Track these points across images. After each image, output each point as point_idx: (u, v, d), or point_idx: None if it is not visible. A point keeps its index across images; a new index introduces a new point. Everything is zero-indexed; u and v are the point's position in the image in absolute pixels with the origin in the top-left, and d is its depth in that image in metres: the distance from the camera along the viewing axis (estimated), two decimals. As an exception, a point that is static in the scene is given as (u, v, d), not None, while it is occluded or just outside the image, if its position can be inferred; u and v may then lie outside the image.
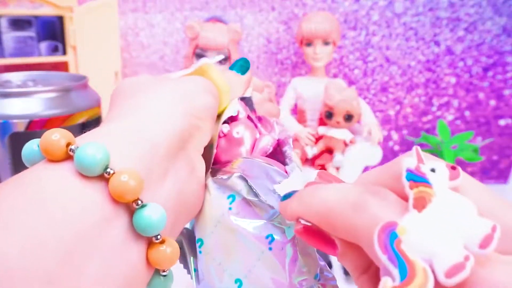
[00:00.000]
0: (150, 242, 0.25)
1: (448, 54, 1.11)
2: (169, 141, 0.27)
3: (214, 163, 0.34)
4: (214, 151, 0.33)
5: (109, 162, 0.24)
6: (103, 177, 0.23)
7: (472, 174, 1.18)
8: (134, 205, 0.24)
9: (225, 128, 0.35)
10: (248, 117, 0.37)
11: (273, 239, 0.30)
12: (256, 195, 0.31)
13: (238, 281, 0.31)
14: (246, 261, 0.30)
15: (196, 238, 0.32)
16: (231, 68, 0.38)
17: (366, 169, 1.01)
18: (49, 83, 0.67)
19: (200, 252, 0.31)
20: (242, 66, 0.38)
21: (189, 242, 0.33)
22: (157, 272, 0.26)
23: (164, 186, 0.26)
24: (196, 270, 0.32)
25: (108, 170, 0.23)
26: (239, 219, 0.31)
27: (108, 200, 0.23)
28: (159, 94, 0.30)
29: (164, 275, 0.26)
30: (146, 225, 0.24)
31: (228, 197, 0.31)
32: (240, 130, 0.36)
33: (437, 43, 1.11)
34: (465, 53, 1.11)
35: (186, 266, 0.33)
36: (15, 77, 0.72)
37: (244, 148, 0.35)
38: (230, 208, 0.31)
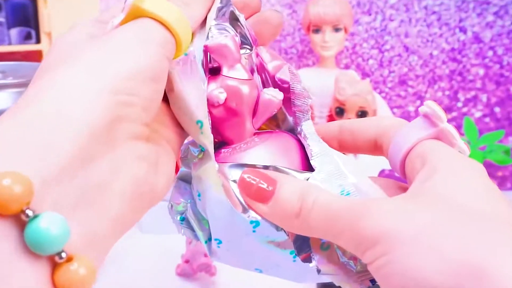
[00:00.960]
0: (54, 262, 0.23)
1: (475, 42, 1.11)
2: (78, 139, 0.25)
3: (221, 144, 0.35)
4: (207, 125, 0.31)
5: None
6: None
7: (502, 178, 1.18)
8: (23, 216, 0.22)
9: (222, 95, 0.32)
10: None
11: (295, 256, 0.32)
12: None
13: (257, 270, 0.34)
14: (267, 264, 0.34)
15: (214, 237, 0.33)
16: None
17: (381, 172, 1.01)
18: (20, 75, 0.67)
19: (218, 247, 0.33)
20: None
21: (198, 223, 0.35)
22: None
23: (76, 189, 0.24)
24: (207, 241, 0.35)
25: None
26: (265, 241, 0.32)
27: None
28: (68, 72, 0.27)
29: None
30: (39, 241, 0.22)
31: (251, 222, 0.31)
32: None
33: (463, 30, 1.11)
34: (495, 41, 1.11)
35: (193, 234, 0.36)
36: (-18, 68, 0.71)
37: (248, 117, 0.34)
38: (254, 231, 0.31)
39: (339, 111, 0.97)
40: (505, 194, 1.01)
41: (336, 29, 1.01)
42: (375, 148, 0.36)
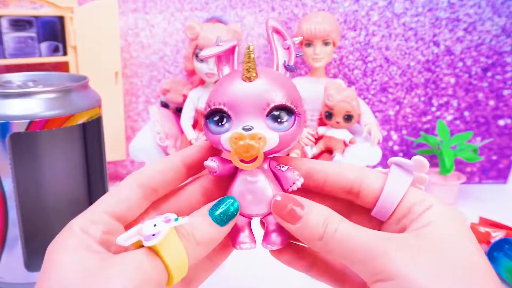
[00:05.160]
0: None
1: (447, 54, 1.11)
2: None
3: None
4: None
5: None
6: None
7: (471, 174, 1.18)
8: None
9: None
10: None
11: None
12: None
13: None
14: None
15: None
16: (211, 211, 0.33)
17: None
18: (49, 84, 0.67)
19: None
20: (225, 213, 0.34)
21: None
22: None
23: None
24: None
25: None
26: None
27: None
28: None
29: None
30: None
31: None
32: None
33: (436, 44, 1.11)
34: (464, 54, 1.11)
35: None
36: (16, 77, 0.72)
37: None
38: None
39: (328, 115, 0.97)
40: (473, 187, 1.01)
41: (326, 43, 1.00)
42: (349, 193, 0.36)
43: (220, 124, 0.34)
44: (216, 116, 0.35)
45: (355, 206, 0.37)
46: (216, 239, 0.33)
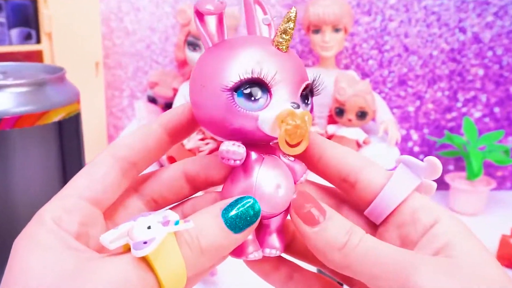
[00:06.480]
0: None
1: (475, 42, 1.11)
2: None
3: None
4: None
5: None
6: None
7: (502, 178, 1.18)
8: None
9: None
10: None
11: None
12: None
13: None
14: None
15: None
16: (224, 211, 0.31)
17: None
18: (20, 76, 0.67)
19: None
20: (241, 217, 0.31)
21: None
22: None
23: None
24: None
25: None
26: None
27: None
28: None
29: None
30: None
31: None
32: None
33: (462, 30, 1.11)
34: (494, 41, 1.11)
35: None
36: (-18, 68, 0.71)
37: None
38: None
39: (339, 112, 0.97)
40: (505, 194, 1.00)
41: (336, 30, 1.01)
42: (343, 181, 0.35)
43: (254, 98, 0.32)
44: (248, 87, 0.32)
45: (346, 202, 0.37)
46: (226, 248, 0.31)
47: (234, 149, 0.32)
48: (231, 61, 0.32)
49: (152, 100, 1.08)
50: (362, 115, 0.96)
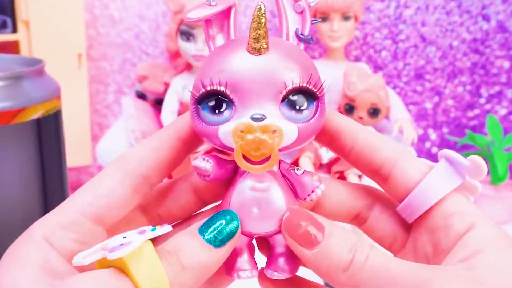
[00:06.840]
0: None
1: (500, 31, 1.10)
2: None
3: None
4: None
5: None
6: None
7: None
8: None
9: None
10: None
11: None
12: None
13: None
14: None
15: None
16: (201, 228, 0.32)
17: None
18: (-6, 68, 0.67)
19: None
20: (220, 231, 0.32)
21: None
22: None
23: None
24: None
25: None
26: None
27: None
28: None
29: None
30: None
31: None
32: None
33: (486, 18, 1.10)
34: (521, 31, 1.11)
35: None
36: (-49, 60, 0.73)
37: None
38: None
39: (349, 108, 0.97)
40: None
41: (345, 17, 1.01)
42: (376, 174, 0.36)
43: (217, 111, 0.32)
44: (212, 100, 0.32)
45: (380, 199, 0.37)
46: (210, 263, 0.31)
47: (199, 165, 0.33)
48: (202, 71, 0.33)
49: (141, 95, 1.08)
50: (374, 112, 0.95)
